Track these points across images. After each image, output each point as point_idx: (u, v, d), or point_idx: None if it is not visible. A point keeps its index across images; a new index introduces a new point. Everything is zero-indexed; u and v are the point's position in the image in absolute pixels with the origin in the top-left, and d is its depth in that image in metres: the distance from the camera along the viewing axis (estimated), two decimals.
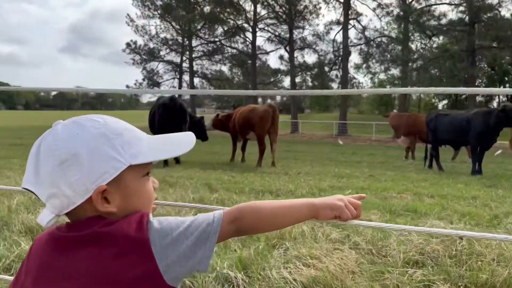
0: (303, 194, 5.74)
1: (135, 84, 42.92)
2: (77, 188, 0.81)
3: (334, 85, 38.26)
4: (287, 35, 36.98)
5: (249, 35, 39.74)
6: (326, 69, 37.78)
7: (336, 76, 36.78)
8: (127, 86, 43.66)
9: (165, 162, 8.92)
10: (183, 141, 1.00)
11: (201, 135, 10.75)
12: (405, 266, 2.63)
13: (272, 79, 45.59)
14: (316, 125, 39.46)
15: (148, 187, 0.93)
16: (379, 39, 34.99)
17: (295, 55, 37.59)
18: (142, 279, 0.79)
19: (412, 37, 34.06)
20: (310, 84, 41.58)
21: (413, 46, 34.84)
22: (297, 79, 39.77)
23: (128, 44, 41.75)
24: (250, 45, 39.83)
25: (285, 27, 37.75)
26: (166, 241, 0.82)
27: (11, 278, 1.03)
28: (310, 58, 38.69)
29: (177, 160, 9.42)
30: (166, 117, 8.97)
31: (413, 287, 2.34)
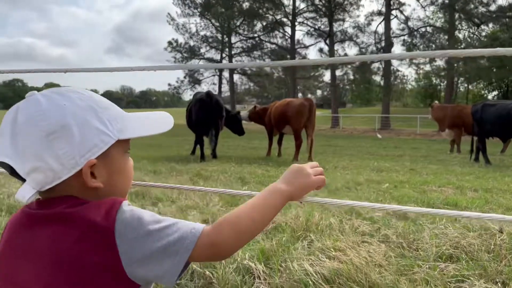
0: (338, 188, 5.60)
1: (176, 81, 43.85)
2: (65, 162, 0.79)
3: (377, 78, 37.32)
4: (327, 28, 36.41)
5: (288, 29, 39.62)
6: (368, 61, 36.82)
7: (378, 68, 35.78)
8: (169, 84, 44.73)
9: (202, 157, 9.00)
10: (163, 120, 1.00)
11: (238, 130, 10.80)
12: (437, 260, 2.48)
13: (312, 73, 45.06)
14: (357, 120, 38.69)
15: (130, 164, 0.94)
16: (423, 29, 33.71)
17: (335, 48, 36.97)
18: (104, 267, 0.76)
19: (458, 26, 32.57)
20: (351, 77, 40.78)
21: (460, 35, 33.32)
22: (338, 73, 39.05)
23: (169, 43, 42.70)
24: (289, 40, 39.63)
25: (324, 20, 37.23)
26: (133, 235, 0.77)
27: None
28: (350, 50, 37.61)
29: (214, 155, 9.48)
30: (202, 112, 9.04)
31: (445, 282, 2.20)
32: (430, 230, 2.96)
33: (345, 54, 37.50)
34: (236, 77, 44.73)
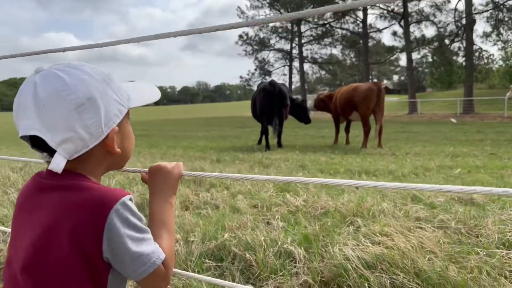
0: (404, 174, 5.31)
1: (247, 74, 44.40)
2: (94, 131, 0.86)
3: (458, 59, 34.66)
4: (401, 10, 34.46)
5: (359, 13, 38.09)
6: (447, 42, 34.32)
7: (459, 48, 33.21)
8: (241, 77, 45.45)
9: (267, 146, 9.03)
10: (154, 91, 1.10)
11: (304, 118, 10.63)
12: (499, 248, 2.25)
13: (387, 58, 43.10)
14: (437, 104, 36.35)
15: (131, 129, 1.03)
16: (510, 3, 30.60)
17: (411, 30, 34.90)
18: (92, 245, 0.83)
19: None
20: (430, 59, 38.30)
21: None
22: (415, 55, 36.89)
23: (240, 36, 43.34)
24: (361, 24, 38.16)
25: (398, 1, 35.25)
26: (118, 232, 0.83)
27: None
28: (428, 31, 35.40)
29: (279, 144, 9.47)
30: (266, 101, 9.05)
31: (505, 270, 1.99)
32: (496, 215, 2.69)
33: (422, 36, 35.23)
34: (306, 66, 44.25)
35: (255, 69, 44.18)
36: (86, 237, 0.82)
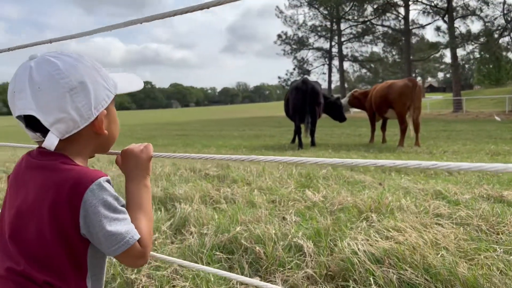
0: (437, 172, 5.12)
1: (286, 74, 44.28)
2: (84, 113, 0.93)
3: (508, 55, 32.96)
4: (445, 5, 33.19)
5: (401, 10, 37.03)
6: (495, 36, 32.66)
7: (508, 43, 31.56)
8: (279, 77, 45.42)
9: (300, 145, 8.98)
10: (137, 80, 1.17)
11: (338, 116, 10.46)
12: None
13: (431, 55, 41.62)
14: (485, 102, 34.75)
15: (116, 114, 1.09)
16: None
17: (456, 25, 33.53)
18: (69, 218, 0.89)
19: None
20: (477, 55, 36.66)
21: None
22: (461, 51, 35.38)
23: (279, 36, 43.26)
24: (402, 21, 37.08)
25: None
26: (93, 210, 0.88)
27: None
28: (474, 26, 33.77)
29: (312, 142, 9.39)
30: (298, 99, 9.00)
31: None
32: None
33: (468, 31, 33.70)
34: (346, 64, 43.56)
35: (294, 69, 44.01)
36: (63, 214, 0.88)
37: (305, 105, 8.89)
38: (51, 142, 0.92)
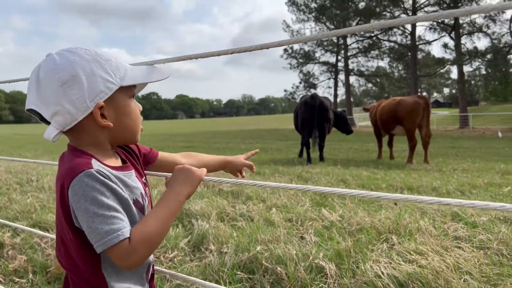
0: (449, 191, 5.13)
1: (292, 87, 44.43)
2: (79, 105, 0.96)
3: None
4: (452, 21, 33.34)
5: (408, 26, 37.20)
6: (502, 53, 32.66)
7: None
8: (285, 90, 45.57)
9: (308, 160, 9.00)
10: (161, 71, 1.15)
11: (345, 129, 10.50)
12: None
13: (437, 70, 41.71)
14: (491, 118, 34.69)
15: (134, 107, 1.10)
16: None
17: (462, 42, 33.64)
18: (70, 211, 0.94)
19: None
20: (484, 72, 36.66)
21: None
22: (467, 68, 35.42)
23: (285, 50, 43.47)
24: (409, 36, 37.24)
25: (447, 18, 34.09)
26: (76, 204, 0.91)
27: None
28: (480, 43, 33.82)
29: (321, 157, 9.41)
30: (307, 114, 9.06)
31: None
32: None
33: (474, 48, 33.76)
34: (352, 79, 43.63)
35: (300, 82, 44.10)
36: (66, 206, 0.94)
37: (313, 120, 8.95)
38: (48, 133, 0.98)
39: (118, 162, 1.10)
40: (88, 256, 0.97)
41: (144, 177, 1.20)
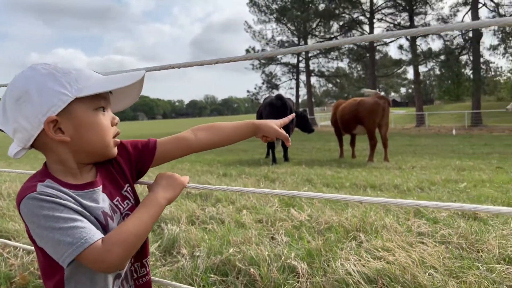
0: (410, 188, 5.34)
1: (254, 88, 44.64)
2: (32, 121, 0.94)
3: (466, 71, 34.56)
4: (408, 23, 34.63)
5: (366, 27, 38.31)
6: (455, 54, 34.25)
7: (467, 61, 33.18)
8: (248, 91, 45.73)
9: (273, 160, 9.09)
10: (128, 76, 1.05)
11: (306, 128, 10.68)
12: (500, 263, 2.28)
13: (394, 71, 43.19)
14: (445, 117, 36.27)
15: (100, 120, 1.01)
16: None
17: (417, 43, 35.01)
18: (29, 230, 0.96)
19: None
20: (438, 72, 38.29)
21: None
22: (422, 68, 36.92)
23: (247, 51, 43.59)
24: None
25: (404, 14, 35.48)
26: (30, 226, 0.92)
27: None
28: (434, 44, 35.34)
29: (285, 157, 9.53)
30: (273, 115, 9.15)
31: (504, 285, 2.02)
32: (497, 230, 2.72)
33: (429, 49, 35.22)
34: (313, 79, 44.37)
35: (263, 83, 44.40)
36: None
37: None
38: (10, 150, 0.99)
39: (87, 179, 1.05)
40: (51, 273, 0.97)
41: (125, 188, 1.14)
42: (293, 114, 1.44)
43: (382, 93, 12.10)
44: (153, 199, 1.07)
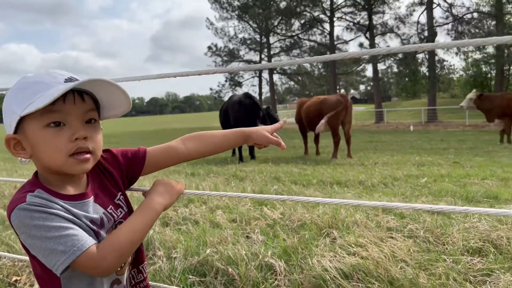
0: (374, 184, 5.52)
1: (217, 85, 44.50)
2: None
3: (422, 69, 35.95)
4: (367, 22, 35.57)
5: (326, 26, 39.02)
6: (411, 53, 35.51)
7: (423, 59, 34.50)
8: (211, 89, 45.51)
9: (240, 158, 9.14)
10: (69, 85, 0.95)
11: (272, 123, 10.83)
12: (464, 254, 2.43)
13: (354, 69, 44.27)
14: (403, 113, 37.56)
15: (51, 138, 0.95)
16: (469, 16, 32.13)
17: (376, 42, 36.03)
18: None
19: (508, 8, 30.74)
20: (395, 70, 39.58)
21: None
22: (381, 66, 38.04)
23: (209, 48, 43.40)
24: (328, 36, 39.06)
25: (363, 13, 36.40)
26: (22, 237, 0.93)
27: None
28: (392, 43, 36.38)
29: (252, 155, 9.60)
30: (242, 113, 9.17)
31: (468, 275, 2.16)
32: (460, 224, 2.89)
33: (387, 47, 36.14)
34: (275, 77, 44.79)
35: (226, 81, 44.36)
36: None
37: (248, 119, 9.08)
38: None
39: (78, 187, 1.05)
40: (48, 279, 0.97)
41: (118, 197, 1.14)
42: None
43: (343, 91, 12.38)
44: (149, 205, 1.08)
